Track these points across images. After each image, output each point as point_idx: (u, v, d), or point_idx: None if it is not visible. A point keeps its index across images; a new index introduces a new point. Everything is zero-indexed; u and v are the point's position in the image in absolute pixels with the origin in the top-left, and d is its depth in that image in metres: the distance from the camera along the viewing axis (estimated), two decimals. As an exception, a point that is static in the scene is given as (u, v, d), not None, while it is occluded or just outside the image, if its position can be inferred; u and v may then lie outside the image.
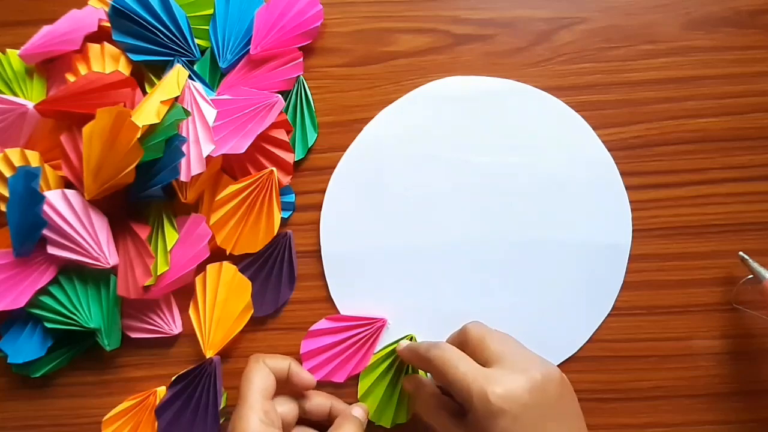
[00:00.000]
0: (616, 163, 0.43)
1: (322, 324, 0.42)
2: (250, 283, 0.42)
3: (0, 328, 0.43)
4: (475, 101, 0.44)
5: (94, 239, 0.40)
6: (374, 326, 0.42)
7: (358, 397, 0.42)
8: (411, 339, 0.42)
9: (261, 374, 0.37)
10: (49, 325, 0.41)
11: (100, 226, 0.41)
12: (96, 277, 0.42)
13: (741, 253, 0.40)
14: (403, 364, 0.41)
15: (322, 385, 0.42)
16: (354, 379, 0.42)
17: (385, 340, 0.42)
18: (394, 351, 0.41)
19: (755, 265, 0.40)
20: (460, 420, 0.34)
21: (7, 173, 0.41)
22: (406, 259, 0.43)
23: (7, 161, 0.41)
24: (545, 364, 0.34)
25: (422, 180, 0.43)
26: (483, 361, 0.34)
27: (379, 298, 0.43)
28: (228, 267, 0.42)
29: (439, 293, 0.43)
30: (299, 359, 0.42)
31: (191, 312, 0.42)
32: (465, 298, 0.42)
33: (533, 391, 0.32)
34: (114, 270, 0.42)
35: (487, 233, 0.43)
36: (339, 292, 0.43)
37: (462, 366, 0.33)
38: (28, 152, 0.41)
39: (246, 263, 0.43)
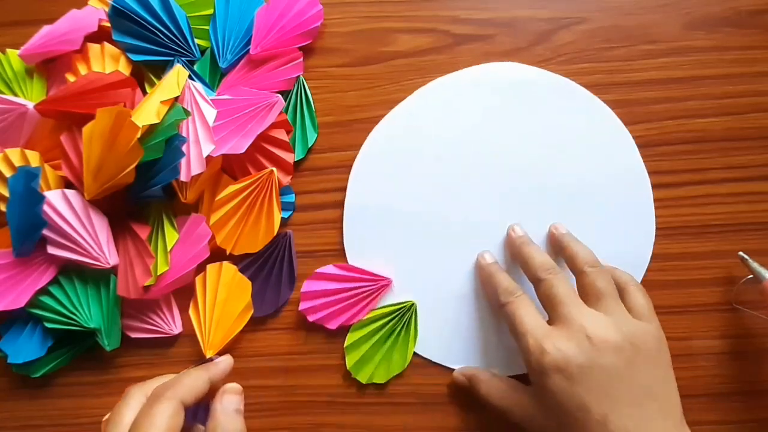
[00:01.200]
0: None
1: (329, 269, 0.43)
2: (250, 283, 0.42)
3: (0, 328, 0.43)
4: (521, 90, 0.44)
5: (94, 239, 0.40)
6: (378, 284, 0.42)
7: (344, 346, 0.42)
8: (411, 306, 0.42)
9: (167, 415, 0.31)
10: (49, 325, 0.41)
11: (100, 226, 0.41)
12: (96, 277, 0.42)
13: (741, 253, 0.40)
14: (395, 329, 0.42)
15: (314, 329, 0.43)
16: (345, 330, 0.42)
17: (386, 300, 0.43)
18: (390, 313, 0.42)
19: (755, 265, 0.40)
20: (525, 385, 0.38)
21: (7, 173, 0.41)
22: (426, 229, 0.43)
23: (7, 161, 0.41)
24: (612, 323, 0.35)
25: (456, 158, 0.43)
26: (553, 316, 0.36)
27: (390, 259, 0.43)
28: (228, 267, 0.42)
29: (449, 269, 0.43)
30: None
31: (191, 312, 0.42)
32: (472, 280, 0.43)
33: (589, 351, 0.33)
34: (114, 270, 0.42)
35: (507, 223, 0.43)
36: (352, 242, 0.43)
37: (527, 322, 0.36)
38: (28, 152, 0.41)
39: (246, 263, 0.43)
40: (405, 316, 0.42)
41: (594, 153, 0.43)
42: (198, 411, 0.38)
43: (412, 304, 0.42)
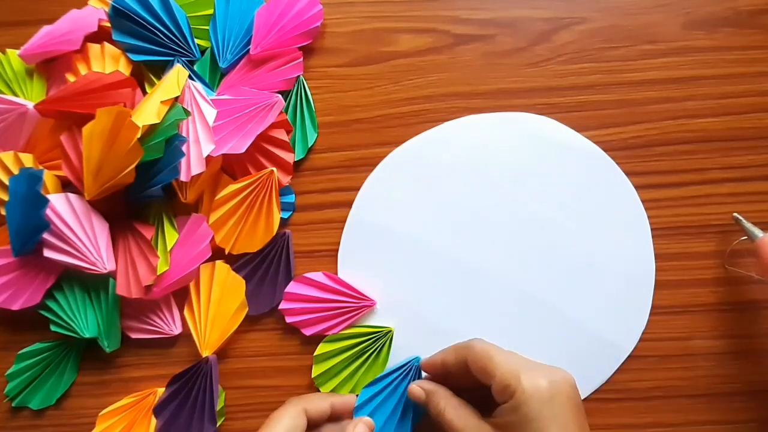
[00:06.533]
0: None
1: (317, 276, 0.43)
2: (243, 281, 0.42)
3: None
4: (548, 147, 0.43)
5: (93, 244, 0.40)
6: (362, 303, 0.42)
7: (313, 355, 0.42)
8: (388, 332, 0.42)
9: (289, 415, 0.37)
10: (53, 328, 0.42)
11: (101, 231, 0.41)
12: (96, 279, 0.42)
13: (735, 214, 0.41)
14: (367, 351, 0.42)
15: (289, 331, 0.43)
16: (319, 339, 0.42)
17: (365, 320, 0.43)
18: (366, 334, 0.42)
19: (748, 225, 0.40)
20: (483, 413, 0.35)
21: (2, 176, 0.41)
22: (421, 262, 0.43)
23: (1, 164, 0.41)
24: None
25: (467, 198, 0.43)
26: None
27: (379, 282, 0.43)
28: (221, 266, 0.42)
29: (434, 305, 0.42)
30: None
31: (186, 313, 0.42)
32: (454, 320, 0.42)
33: (571, 387, 0.34)
34: (112, 274, 0.42)
35: (504, 272, 0.42)
36: (346, 256, 0.43)
37: (509, 356, 0.35)
38: (22, 155, 0.41)
39: (243, 261, 0.43)
40: (380, 340, 0.42)
41: (605, 226, 0.42)
42: None
43: (390, 330, 0.42)
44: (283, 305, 0.42)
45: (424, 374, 0.41)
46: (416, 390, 0.39)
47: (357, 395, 0.41)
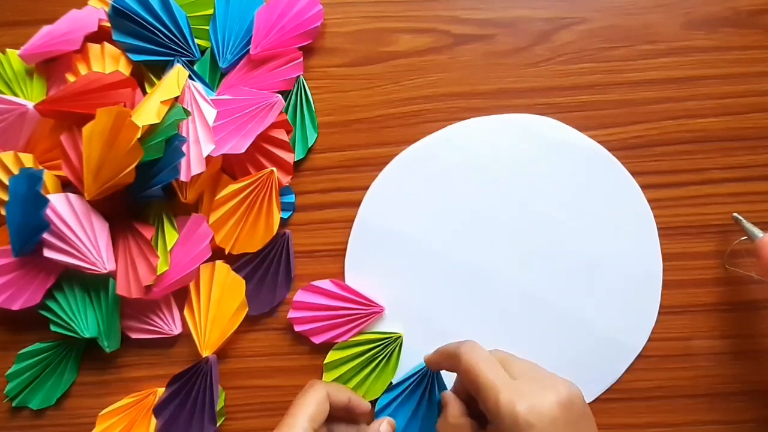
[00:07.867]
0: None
1: (325, 284, 0.43)
2: (243, 281, 0.42)
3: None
4: (554, 148, 0.43)
5: (93, 244, 0.40)
6: (371, 309, 0.42)
7: (323, 363, 0.42)
8: (398, 338, 0.42)
9: (316, 400, 0.37)
10: (54, 328, 0.42)
11: (101, 231, 0.41)
12: (95, 281, 0.42)
13: (735, 214, 0.41)
14: (376, 357, 0.42)
15: (298, 341, 0.43)
16: (329, 347, 0.42)
17: (374, 326, 0.43)
18: (376, 340, 0.42)
19: (748, 225, 0.40)
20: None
21: (2, 176, 0.41)
22: (429, 266, 0.43)
23: (1, 164, 0.41)
24: (567, 381, 0.34)
25: (475, 200, 0.43)
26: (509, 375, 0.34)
27: (387, 287, 0.43)
28: (221, 266, 0.42)
29: (443, 310, 0.42)
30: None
31: (186, 313, 0.42)
32: (463, 324, 0.42)
33: (561, 406, 0.32)
34: (112, 274, 0.42)
35: (513, 274, 0.42)
36: (353, 262, 0.43)
37: (491, 373, 0.33)
38: (22, 155, 0.41)
39: (243, 261, 0.43)
40: (390, 346, 0.42)
41: (612, 228, 0.42)
42: None
43: (399, 336, 0.42)
44: (291, 314, 0.42)
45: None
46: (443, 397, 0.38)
47: (370, 402, 0.41)
